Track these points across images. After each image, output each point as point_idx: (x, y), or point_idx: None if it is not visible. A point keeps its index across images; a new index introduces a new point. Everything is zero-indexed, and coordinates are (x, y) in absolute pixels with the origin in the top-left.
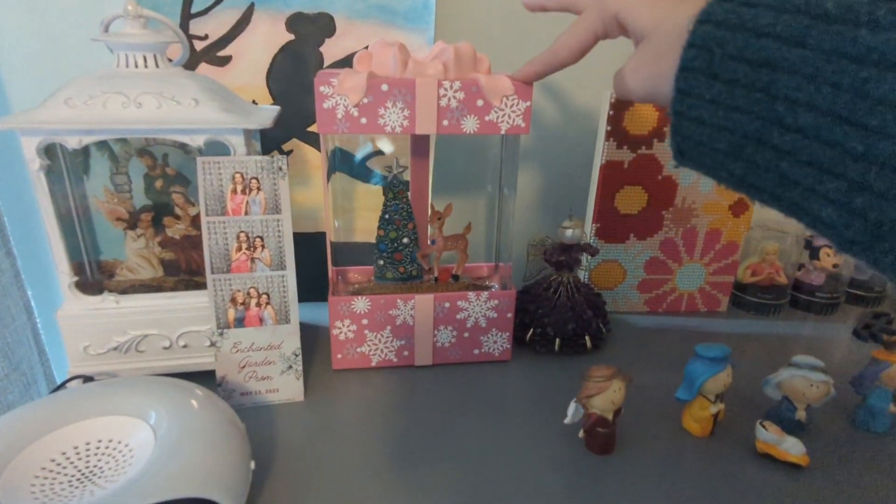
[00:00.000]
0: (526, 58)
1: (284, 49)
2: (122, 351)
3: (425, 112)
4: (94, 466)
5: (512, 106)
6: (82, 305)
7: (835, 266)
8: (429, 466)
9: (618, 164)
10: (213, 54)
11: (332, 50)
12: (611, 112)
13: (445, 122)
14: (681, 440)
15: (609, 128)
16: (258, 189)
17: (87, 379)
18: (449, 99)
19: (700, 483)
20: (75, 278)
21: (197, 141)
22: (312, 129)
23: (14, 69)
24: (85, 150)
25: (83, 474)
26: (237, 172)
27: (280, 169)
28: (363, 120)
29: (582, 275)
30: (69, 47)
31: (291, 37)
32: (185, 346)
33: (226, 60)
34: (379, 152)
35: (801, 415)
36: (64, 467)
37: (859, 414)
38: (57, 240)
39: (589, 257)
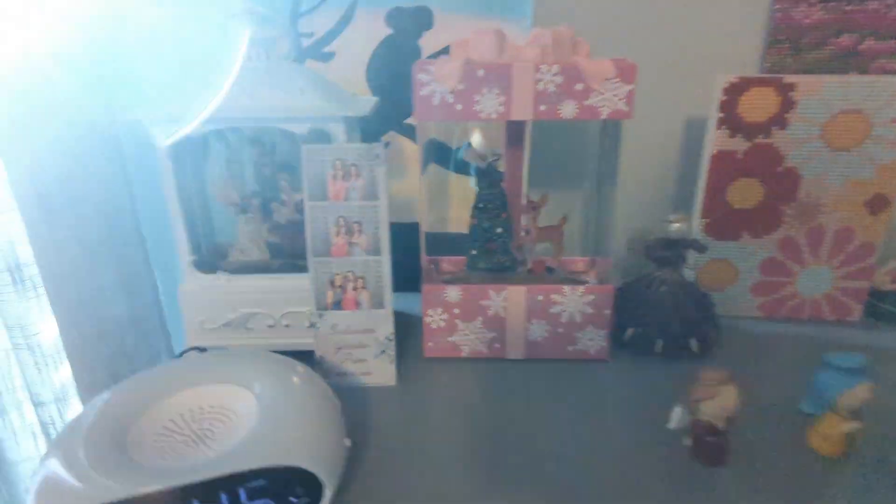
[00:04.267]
0: (628, 48)
1: (383, 43)
2: (232, 327)
3: (522, 97)
4: (206, 429)
5: (614, 89)
6: (199, 282)
7: None
8: (517, 462)
9: (730, 154)
10: (318, 51)
11: (429, 43)
12: (724, 97)
13: (542, 108)
14: (805, 459)
15: (722, 114)
16: (357, 176)
17: (203, 350)
18: (546, 83)
19: None
20: (193, 257)
21: (301, 129)
22: (409, 121)
23: (145, 64)
24: (204, 139)
25: (197, 435)
26: (337, 159)
27: (377, 156)
28: (458, 106)
29: (688, 274)
30: (191, 43)
31: (390, 31)
32: (287, 326)
33: (329, 56)
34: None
35: None
36: (181, 427)
37: None
38: (179, 222)
39: (696, 255)
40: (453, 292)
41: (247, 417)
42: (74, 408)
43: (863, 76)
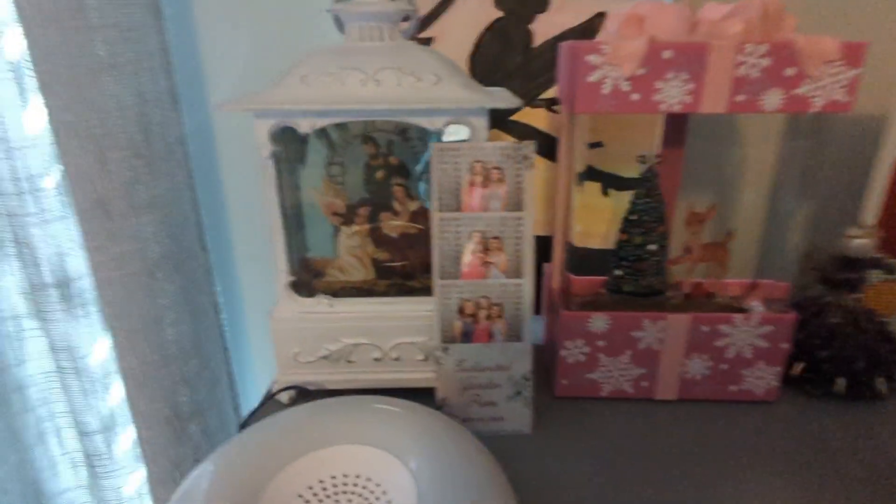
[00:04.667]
0: (829, 21)
1: (491, 28)
2: (331, 360)
3: (716, 84)
4: None
5: (835, 75)
6: (295, 307)
7: None
8: None
9: None
10: (413, 36)
11: (543, 27)
12: None
13: (740, 98)
14: None
15: None
16: (500, 181)
17: (301, 391)
18: (749, 67)
19: None
20: (292, 278)
21: (437, 123)
22: (517, 117)
23: (217, 58)
24: (303, 137)
25: None
26: (477, 161)
27: (526, 157)
28: (635, 96)
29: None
30: (285, 26)
31: (500, 13)
32: (396, 359)
33: (427, 42)
34: (599, 144)
35: None
36: (320, 498)
37: None
38: (279, 235)
39: (889, 275)
40: (599, 321)
41: (397, 498)
42: (124, 437)
43: None
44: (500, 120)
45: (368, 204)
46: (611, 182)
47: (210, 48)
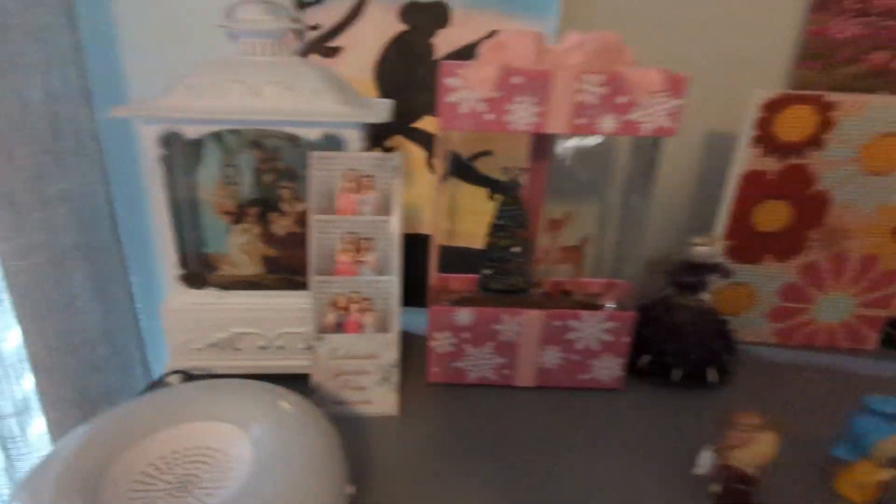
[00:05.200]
0: (665, 52)
1: (395, 41)
2: (220, 347)
3: (559, 109)
4: (193, 475)
5: (660, 103)
6: (186, 298)
7: None
8: (525, 500)
9: (761, 175)
10: (322, 45)
11: (444, 42)
12: (760, 114)
13: (580, 121)
14: (830, 501)
15: (757, 132)
16: (370, 188)
17: (187, 375)
18: (587, 94)
19: None
20: (182, 271)
21: (313, 134)
22: (418, 124)
23: (136, 56)
24: (198, 141)
25: (181, 482)
26: (350, 169)
27: (395, 168)
28: (489, 116)
29: (705, 298)
30: (190, 35)
31: (403, 27)
32: (281, 347)
33: (335, 52)
34: (486, 152)
35: None
36: (163, 473)
37: None
38: (167, 231)
39: (722, 278)
40: (464, 315)
41: (240, 463)
42: (37, 421)
43: None
44: (403, 127)
45: (258, 205)
46: (497, 188)
47: (128, 47)
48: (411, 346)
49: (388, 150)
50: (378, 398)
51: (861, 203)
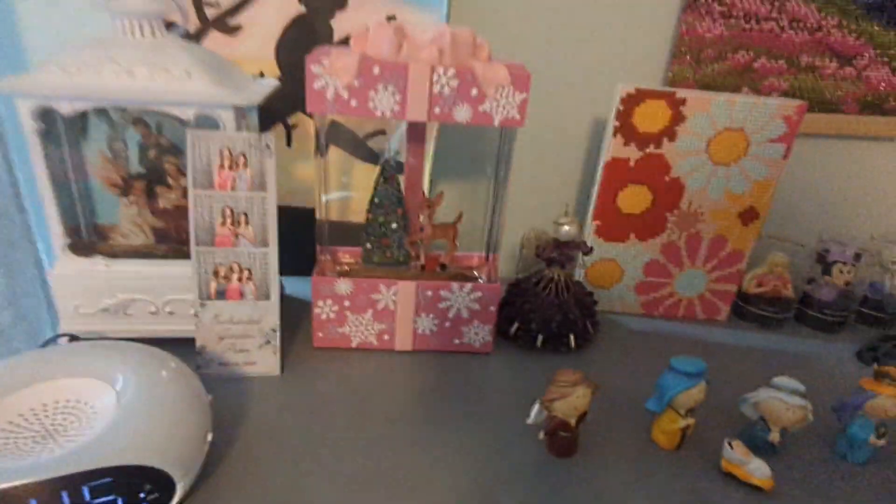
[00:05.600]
0: (543, 42)
1: (296, 21)
2: (111, 313)
3: (417, 98)
4: (59, 424)
5: (507, 97)
6: (74, 266)
7: (847, 284)
8: (395, 454)
9: (623, 162)
10: (223, 22)
11: (343, 24)
12: (620, 107)
13: (437, 110)
14: (647, 451)
15: (617, 123)
16: (245, 166)
17: (74, 338)
18: (442, 86)
19: (661, 496)
20: (68, 240)
21: (187, 114)
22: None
23: (37, 37)
24: (83, 116)
25: (48, 431)
26: (225, 147)
27: (267, 147)
28: (353, 102)
29: (578, 273)
30: (85, 15)
31: (303, 9)
32: (171, 313)
33: (236, 30)
34: (381, 132)
35: (774, 437)
36: (31, 423)
37: (839, 443)
38: (50, 202)
39: (584, 255)
40: (344, 285)
41: (103, 414)
42: None
43: (747, 97)
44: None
45: (145, 179)
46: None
47: (27, 20)
48: (308, 313)
49: (290, 126)
50: (261, 360)
51: (710, 190)
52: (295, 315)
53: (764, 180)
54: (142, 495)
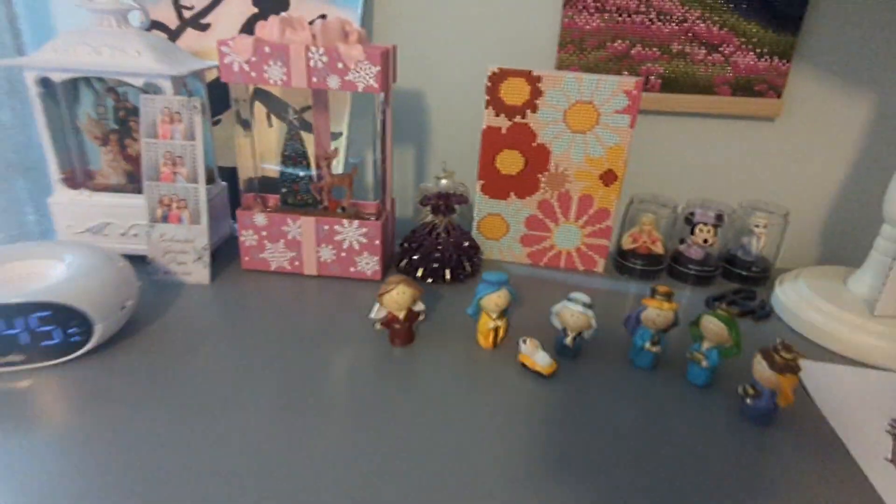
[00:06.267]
0: (463, 37)
1: (250, 20)
2: (93, 233)
3: (298, 70)
4: (24, 283)
5: (365, 69)
6: (66, 196)
7: (705, 241)
8: (278, 352)
9: (496, 130)
10: (196, 21)
11: None
12: (488, 83)
13: (315, 79)
14: (469, 347)
15: (488, 97)
16: (180, 121)
17: None
18: (316, 61)
19: (472, 378)
20: (62, 176)
21: (138, 82)
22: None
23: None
24: (74, 85)
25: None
26: (165, 107)
27: (195, 107)
28: (253, 73)
29: (472, 225)
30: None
31: (256, 10)
32: (135, 235)
33: (206, 27)
34: (309, 107)
35: (568, 340)
36: (10, 279)
37: (630, 351)
38: (48, 148)
39: (463, 207)
40: (260, 218)
41: (53, 276)
42: None
43: (592, 75)
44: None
45: (117, 133)
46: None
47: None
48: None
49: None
50: (195, 271)
51: (573, 154)
52: (235, 245)
53: (616, 146)
54: (70, 331)
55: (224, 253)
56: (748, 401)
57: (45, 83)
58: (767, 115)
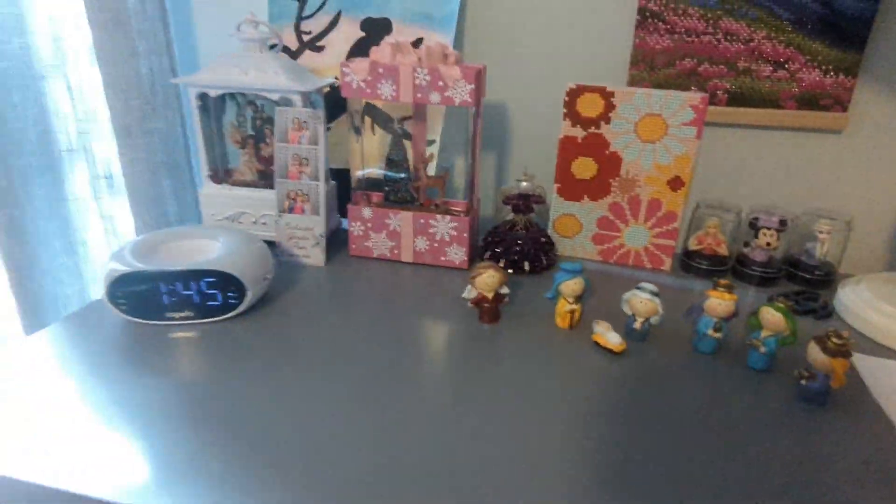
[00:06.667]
0: (545, 54)
1: (358, 42)
2: (231, 220)
3: (406, 88)
4: (194, 255)
5: (461, 87)
6: (212, 189)
7: (768, 245)
8: (387, 329)
9: (573, 139)
10: (313, 45)
11: None
12: (567, 98)
13: (419, 95)
14: (548, 327)
15: (566, 110)
16: (305, 129)
17: None
18: (421, 80)
19: (550, 354)
20: (210, 173)
21: (274, 97)
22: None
23: (203, 46)
24: (222, 98)
25: (187, 257)
26: (295, 118)
27: (318, 118)
28: (368, 90)
29: (549, 224)
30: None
31: (363, 34)
32: (264, 223)
33: (321, 49)
34: (409, 117)
35: (637, 325)
36: (183, 253)
37: (693, 337)
38: (201, 149)
39: (540, 207)
40: (367, 211)
41: (214, 252)
42: None
43: (661, 91)
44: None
45: (253, 138)
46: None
47: (201, 41)
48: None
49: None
50: (313, 255)
51: (642, 161)
52: (343, 237)
53: (683, 155)
54: (229, 294)
55: (333, 242)
56: (803, 382)
57: (201, 97)
58: (833, 128)
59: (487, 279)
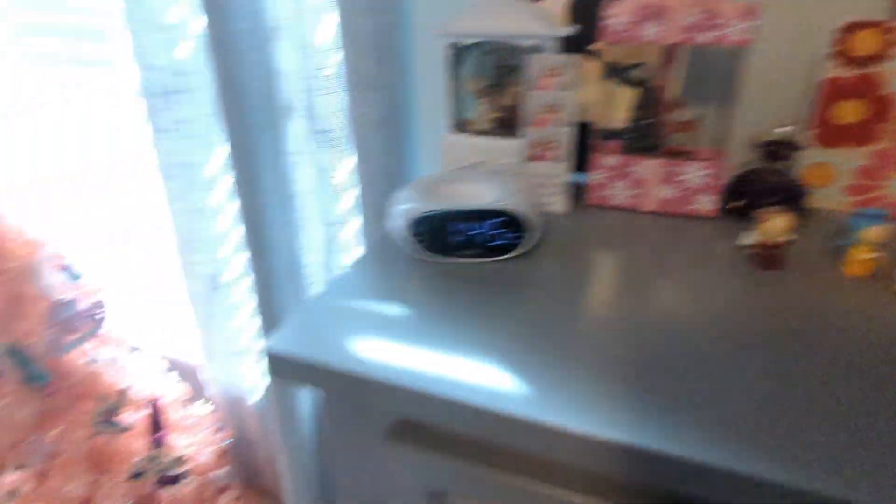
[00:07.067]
0: None
1: None
2: (470, 167)
3: (674, 27)
4: (480, 194)
5: (739, 25)
6: (454, 139)
7: None
8: (649, 272)
9: (839, 81)
10: None
11: None
12: (838, 35)
13: (686, 35)
14: (834, 275)
15: (836, 48)
16: (558, 76)
17: None
18: (690, 18)
19: (836, 304)
20: (453, 122)
21: (527, 43)
22: (591, 47)
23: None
24: (468, 47)
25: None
26: (547, 64)
27: (572, 64)
28: (630, 33)
29: (794, 171)
30: None
31: None
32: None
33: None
34: (640, 63)
35: None
36: (465, 184)
37: None
38: (449, 99)
39: (796, 153)
40: (611, 159)
41: (494, 192)
42: (355, 225)
43: None
44: (585, 49)
45: (491, 87)
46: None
47: None
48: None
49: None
50: (557, 202)
51: None
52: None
53: None
54: (516, 233)
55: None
56: None
57: (454, 47)
58: None
59: (779, 222)
